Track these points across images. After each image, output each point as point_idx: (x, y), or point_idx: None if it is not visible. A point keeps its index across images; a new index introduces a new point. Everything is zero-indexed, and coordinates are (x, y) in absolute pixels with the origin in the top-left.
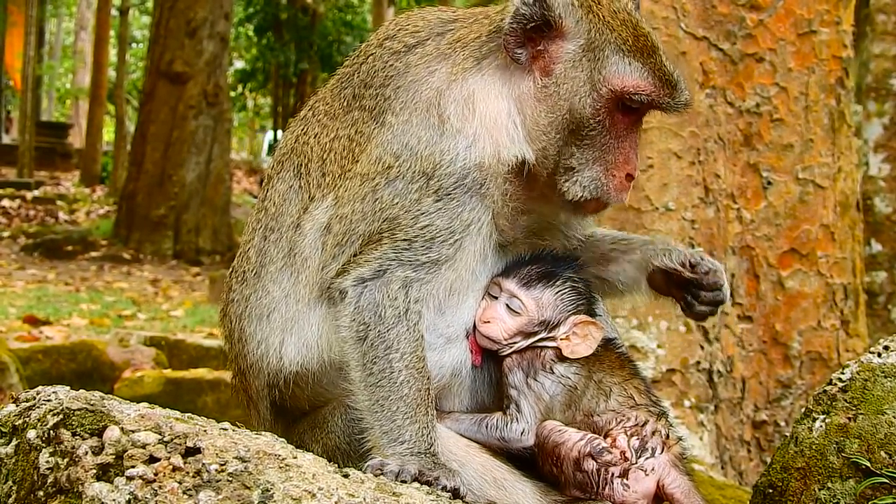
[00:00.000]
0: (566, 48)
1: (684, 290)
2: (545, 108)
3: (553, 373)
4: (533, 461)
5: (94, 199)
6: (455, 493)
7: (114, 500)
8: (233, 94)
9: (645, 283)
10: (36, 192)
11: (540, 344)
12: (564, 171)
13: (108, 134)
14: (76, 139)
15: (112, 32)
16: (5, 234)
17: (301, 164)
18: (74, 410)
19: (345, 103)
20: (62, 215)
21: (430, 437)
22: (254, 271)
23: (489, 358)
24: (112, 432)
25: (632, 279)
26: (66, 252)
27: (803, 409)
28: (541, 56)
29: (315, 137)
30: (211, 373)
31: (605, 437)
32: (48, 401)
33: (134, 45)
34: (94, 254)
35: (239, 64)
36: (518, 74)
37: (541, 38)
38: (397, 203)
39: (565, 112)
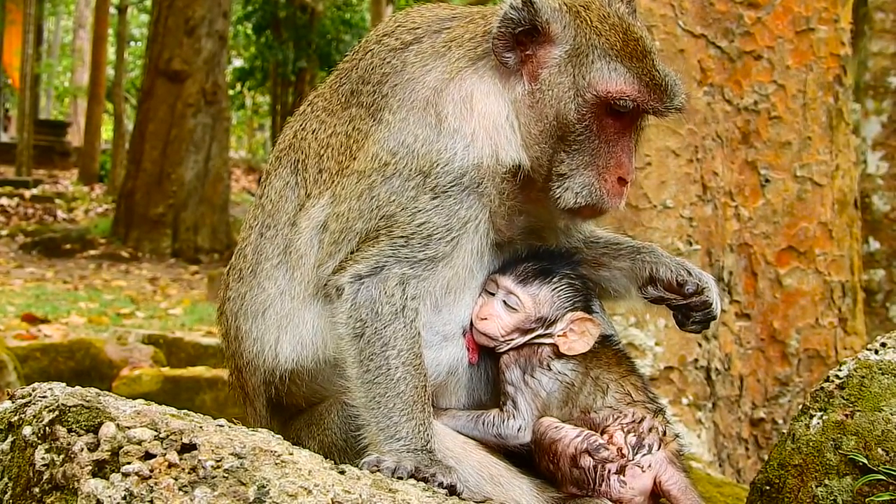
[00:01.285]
0: (553, 53)
1: (674, 307)
2: (535, 114)
3: (550, 369)
4: (530, 458)
5: (92, 198)
6: (451, 490)
7: (109, 496)
8: (231, 92)
9: (636, 292)
10: (34, 191)
11: (537, 341)
12: (557, 178)
13: (106, 132)
14: (75, 137)
15: (110, 31)
16: (4, 232)
17: (298, 161)
18: (70, 407)
19: (343, 99)
20: (60, 214)
21: (427, 434)
22: (250, 268)
23: (486, 355)
24: (108, 429)
25: (622, 287)
26: (64, 250)
27: (801, 406)
28: (529, 61)
29: (313, 133)
30: (209, 371)
31: (602, 433)
32: (44, 397)
33: (132, 43)
34: (92, 252)
35: (237, 62)
36: (511, 78)
37: (529, 42)
38: (394, 200)
39: (552, 119)
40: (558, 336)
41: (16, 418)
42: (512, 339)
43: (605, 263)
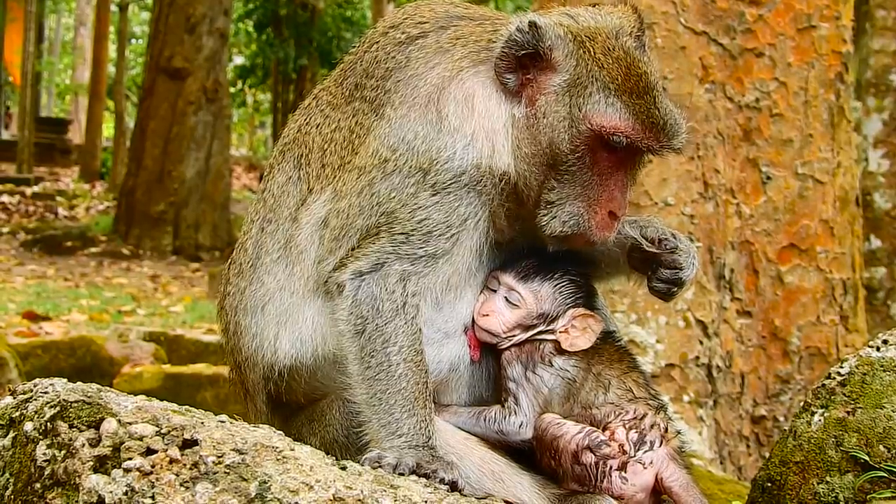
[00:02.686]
0: (553, 80)
1: (649, 265)
2: (529, 137)
3: (552, 366)
4: (531, 454)
5: (93, 195)
6: (453, 486)
7: (111, 492)
8: (232, 90)
9: (623, 260)
10: (35, 188)
11: (539, 337)
12: (545, 206)
13: (107, 130)
14: (75, 135)
15: (111, 28)
16: (5, 229)
17: (302, 155)
18: (71, 403)
19: (347, 93)
20: (61, 211)
21: (429, 431)
22: (250, 263)
23: (487, 352)
24: (109, 424)
25: (613, 258)
26: (65, 248)
27: (802, 403)
28: (529, 84)
29: (317, 128)
30: (210, 368)
31: (604, 430)
32: (45, 393)
33: (133, 41)
34: (93, 250)
35: (238, 60)
36: (511, 96)
37: (532, 66)
38: (394, 197)
39: (545, 145)
40: (560, 332)
41: (17, 414)
42: (513, 336)
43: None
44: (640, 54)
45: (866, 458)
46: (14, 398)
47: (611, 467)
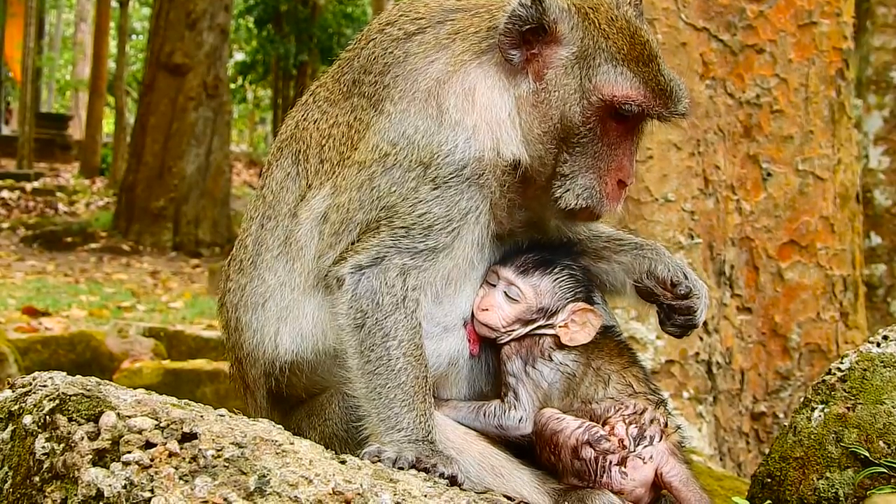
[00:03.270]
0: (559, 54)
1: (660, 305)
2: (538, 114)
3: (551, 360)
4: (531, 449)
5: (93, 191)
6: (452, 481)
7: (110, 485)
8: (233, 86)
9: (631, 288)
10: (35, 184)
11: (538, 331)
12: (559, 179)
13: (107, 125)
14: (76, 131)
15: (112, 24)
16: (5, 225)
17: (300, 151)
18: (70, 396)
19: (345, 89)
20: (62, 207)
21: (428, 425)
22: (250, 260)
23: (487, 347)
24: (108, 418)
25: (619, 282)
26: (65, 243)
27: (802, 399)
28: (535, 59)
29: (314, 123)
30: (210, 364)
31: (604, 424)
32: (44, 386)
33: (134, 36)
34: (93, 245)
35: (239, 56)
36: (516, 75)
37: (536, 41)
38: (395, 191)
39: (557, 120)
40: (560, 327)
41: (16, 407)
42: (513, 330)
43: (606, 257)
44: (640, 23)
45: (866, 453)
46: (13, 391)
47: (610, 462)
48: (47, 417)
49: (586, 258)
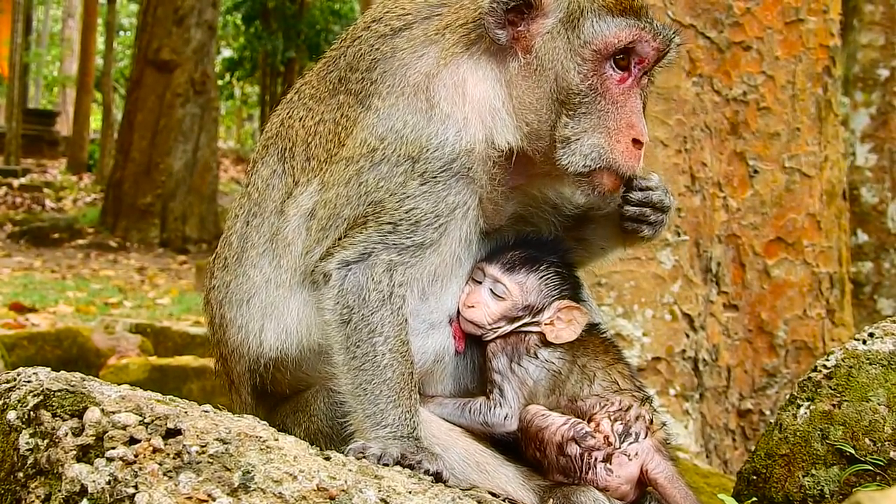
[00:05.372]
0: (545, 23)
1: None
2: (531, 83)
3: (537, 357)
4: (516, 446)
5: (80, 187)
6: (437, 477)
7: (94, 481)
8: (220, 82)
9: (617, 228)
10: (23, 180)
11: (524, 329)
12: (561, 143)
13: (95, 122)
14: (63, 127)
15: (100, 20)
16: None
17: (285, 149)
18: (55, 391)
19: (331, 87)
20: (49, 203)
21: (413, 421)
22: (235, 257)
23: (473, 343)
24: (92, 413)
25: (609, 233)
26: (52, 240)
27: (788, 396)
28: (522, 36)
29: (300, 121)
30: (196, 360)
31: (589, 421)
32: (28, 382)
33: (121, 32)
34: (80, 241)
35: (226, 52)
36: (505, 57)
37: (521, 19)
38: (382, 186)
39: (552, 83)
40: (545, 324)
41: (0, 403)
42: (499, 328)
43: (593, 215)
44: None
45: (852, 450)
46: None
47: (596, 459)
48: (31, 413)
49: (575, 229)
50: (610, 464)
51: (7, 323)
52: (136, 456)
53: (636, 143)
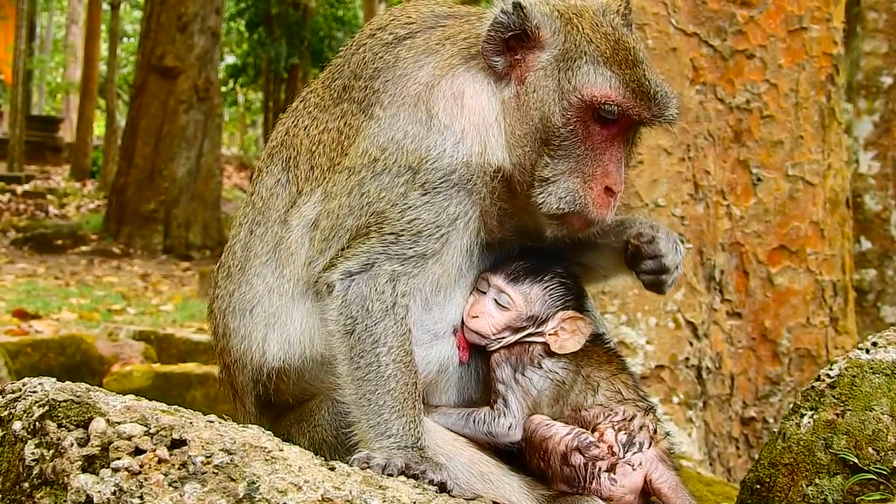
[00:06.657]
0: (541, 58)
1: (633, 255)
2: (520, 116)
3: (541, 368)
4: (520, 456)
5: (84, 194)
6: (442, 487)
7: (99, 491)
8: (224, 89)
9: (617, 258)
10: (26, 187)
11: (528, 339)
12: (539, 183)
13: (98, 128)
14: (67, 133)
15: (103, 27)
16: None
17: (290, 157)
18: (60, 402)
19: (335, 95)
20: (52, 209)
21: (418, 431)
22: (239, 266)
23: (476, 353)
24: (98, 424)
25: (608, 259)
26: (55, 246)
27: (791, 405)
28: (518, 65)
29: (305, 130)
30: (200, 367)
31: (593, 431)
32: (34, 392)
33: (125, 39)
34: (83, 248)
35: (230, 59)
36: (501, 79)
37: (520, 47)
38: (384, 197)
39: (537, 121)
40: (549, 334)
41: (5, 413)
42: (503, 338)
43: (594, 243)
44: (628, 31)
45: (855, 460)
46: (3, 397)
47: (600, 468)
48: (37, 423)
49: (577, 253)
50: (614, 474)
51: (10, 330)
52: (141, 466)
53: (608, 191)
